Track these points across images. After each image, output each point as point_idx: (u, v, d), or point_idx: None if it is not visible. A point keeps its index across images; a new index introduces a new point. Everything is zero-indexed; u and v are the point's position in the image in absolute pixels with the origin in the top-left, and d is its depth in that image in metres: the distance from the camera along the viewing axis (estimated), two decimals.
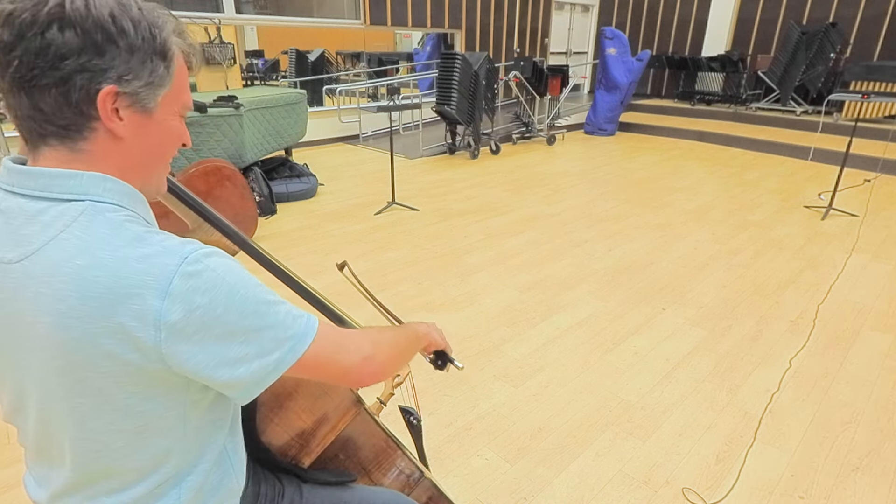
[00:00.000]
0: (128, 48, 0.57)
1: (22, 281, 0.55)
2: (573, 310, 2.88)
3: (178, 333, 0.54)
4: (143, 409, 0.60)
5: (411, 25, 7.97)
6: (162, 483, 0.66)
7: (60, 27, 0.53)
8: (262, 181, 4.45)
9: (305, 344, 0.63)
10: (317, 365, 0.65)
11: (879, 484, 1.75)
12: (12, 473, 1.75)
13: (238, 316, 0.57)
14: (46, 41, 0.53)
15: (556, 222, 4.29)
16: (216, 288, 0.56)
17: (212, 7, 6.19)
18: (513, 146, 7.42)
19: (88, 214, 0.56)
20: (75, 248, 0.54)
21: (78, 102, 0.56)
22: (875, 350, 2.52)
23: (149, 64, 0.59)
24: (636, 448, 1.90)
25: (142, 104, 0.60)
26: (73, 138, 0.58)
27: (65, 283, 0.53)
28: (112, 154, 0.60)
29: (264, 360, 0.60)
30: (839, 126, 7.20)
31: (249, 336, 0.58)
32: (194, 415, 0.65)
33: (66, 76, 0.55)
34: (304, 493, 0.87)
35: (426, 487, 1.07)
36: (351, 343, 0.69)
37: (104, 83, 0.56)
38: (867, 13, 8.08)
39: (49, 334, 0.54)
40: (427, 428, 1.98)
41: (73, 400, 0.58)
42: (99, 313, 0.53)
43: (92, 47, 0.55)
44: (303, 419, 0.90)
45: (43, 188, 0.57)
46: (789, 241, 3.91)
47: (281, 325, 0.61)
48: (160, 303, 0.53)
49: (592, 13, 11.14)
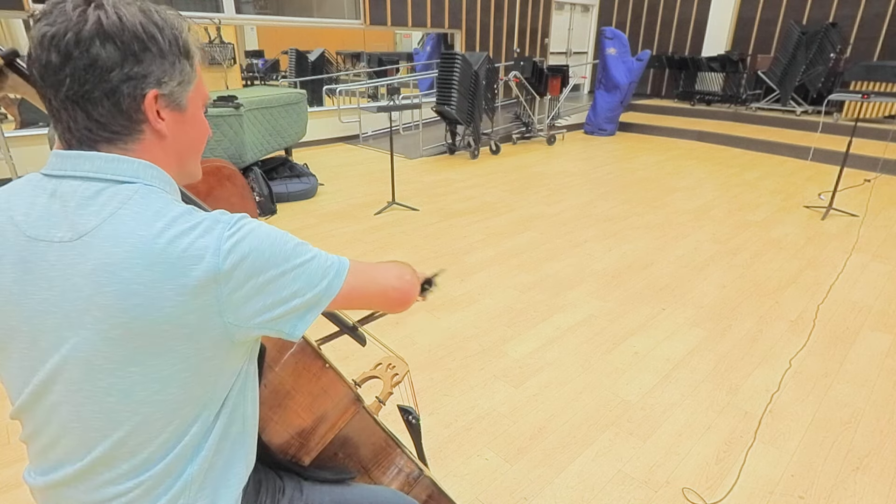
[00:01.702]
0: (160, 53, 0.63)
1: (79, 257, 0.59)
2: (573, 310, 2.88)
3: (234, 281, 0.61)
4: (187, 377, 0.64)
5: (411, 25, 7.97)
6: (178, 458, 0.68)
7: (102, 42, 0.58)
8: (262, 181, 4.45)
9: (345, 269, 0.72)
10: (360, 288, 0.75)
11: (879, 484, 1.75)
12: (12, 474, 1.76)
13: (283, 257, 0.65)
14: (92, 57, 0.58)
15: (556, 222, 4.29)
16: (258, 238, 0.63)
17: (212, 7, 6.20)
18: (513, 146, 7.42)
19: (142, 193, 0.62)
20: (135, 221, 0.60)
21: (128, 109, 0.62)
22: (875, 350, 2.52)
23: (178, 65, 0.65)
24: (636, 448, 1.90)
25: (176, 102, 0.67)
26: (124, 141, 0.64)
27: (129, 252, 0.58)
28: (155, 150, 0.67)
29: (315, 289, 0.68)
30: (839, 126, 7.20)
31: (298, 270, 0.66)
32: (226, 384, 0.70)
33: (115, 87, 0.60)
34: (304, 491, 0.87)
35: (425, 486, 1.07)
36: (379, 268, 0.82)
37: (147, 88, 0.62)
38: (867, 13, 8.08)
39: (111, 304, 0.58)
40: (427, 428, 1.98)
41: (125, 369, 0.61)
42: (164, 277, 0.58)
43: (132, 57, 0.60)
44: (302, 417, 0.90)
45: (98, 170, 0.62)
46: (789, 241, 3.91)
47: (321, 257, 0.70)
48: (216, 259, 0.60)
49: (592, 13, 11.14)
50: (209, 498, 0.72)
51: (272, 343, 0.87)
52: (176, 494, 0.69)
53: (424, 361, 2.40)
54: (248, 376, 0.75)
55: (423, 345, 2.53)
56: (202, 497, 0.71)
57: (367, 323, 1.10)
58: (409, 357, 2.41)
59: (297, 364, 0.90)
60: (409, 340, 2.57)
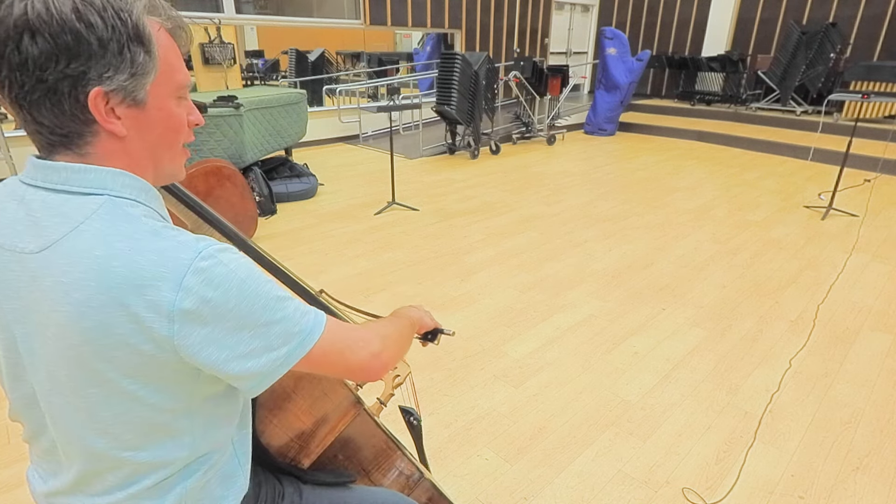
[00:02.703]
0: (99, 43, 0.54)
1: (41, 271, 0.56)
2: (573, 310, 2.88)
3: (190, 324, 0.55)
4: (154, 400, 0.60)
5: (411, 25, 7.97)
6: (169, 476, 0.67)
7: (31, 37, 0.51)
8: (262, 181, 4.45)
9: (314, 339, 0.63)
10: (325, 360, 0.66)
11: (879, 484, 1.75)
12: (12, 474, 1.75)
13: (249, 310, 0.58)
14: (23, 55, 0.52)
15: (556, 222, 4.29)
16: (228, 282, 0.56)
17: (212, 7, 6.19)
18: (513, 146, 7.41)
19: (107, 207, 0.57)
20: (94, 239, 0.55)
21: (72, 110, 0.56)
22: (875, 350, 2.52)
23: (126, 54, 0.56)
24: (636, 448, 1.90)
25: (132, 97, 0.58)
26: (77, 144, 0.59)
27: (84, 272, 0.54)
28: (117, 152, 0.61)
29: (273, 353, 0.61)
30: (839, 126, 7.19)
31: (259, 330, 0.59)
32: (204, 408, 0.66)
33: (52, 86, 0.54)
34: (304, 494, 0.87)
35: (426, 488, 1.07)
36: (358, 339, 0.70)
37: (88, 86, 0.55)
38: (867, 13, 8.08)
39: (66, 323, 0.55)
40: (427, 428, 1.98)
41: (84, 390, 0.59)
42: (115, 302, 0.53)
43: (65, 51, 0.53)
44: (302, 420, 0.90)
45: (64, 181, 0.58)
46: (789, 241, 3.91)
47: (290, 320, 0.61)
48: (174, 294, 0.54)
49: (592, 13, 11.13)
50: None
51: None
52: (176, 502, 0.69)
53: (424, 361, 2.39)
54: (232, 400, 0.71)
55: None
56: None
57: None
58: (409, 357, 2.40)
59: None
60: None
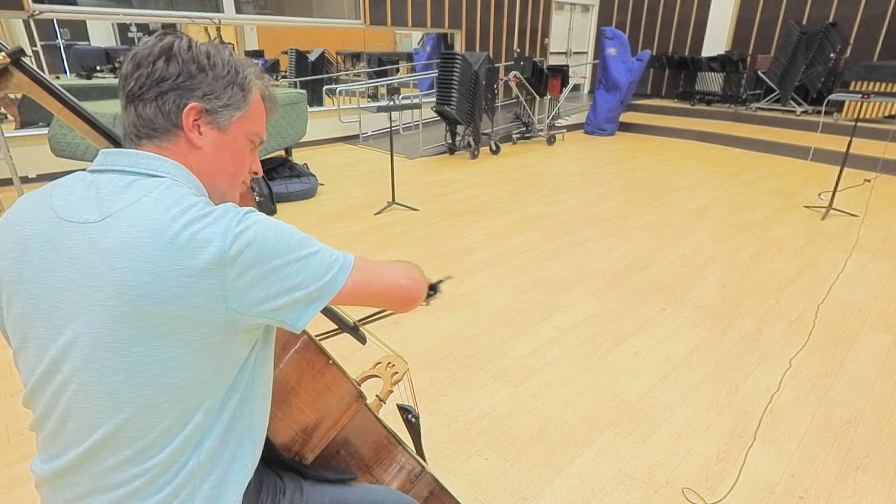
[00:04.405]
0: (214, 76, 0.73)
1: (100, 236, 0.64)
2: (573, 310, 2.88)
3: (238, 267, 0.64)
4: (189, 360, 0.66)
5: (411, 25, 7.97)
6: (182, 447, 0.69)
7: (167, 60, 0.70)
8: (262, 181, 4.45)
9: (350, 263, 0.75)
10: (364, 280, 0.77)
11: (879, 484, 1.75)
12: (13, 474, 1.75)
13: (287, 248, 0.68)
14: (155, 68, 0.70)
15: (556, 222, 4.29)
16: (264, 228, 0.67)
17: (212, 7, 6.19)
18: (513, 146, 7.42)
19: (167, 185, 0.68)
20: (154, 206, 0.65)
21: (169, 113, 0.72)
22: (875, 350, 2.52)
23: (229, 90, 0.74)
24: (636, 448, 1.90)
25: (218, 122, 0.75)
26: (161, 138, 0.73)
27: (143, 231, 0.62)
28: (188, 157, 0.74)
29: (319, 282, 0.71)
30: (839, 126, 7.20)
31: (301, 263, 0.69)
32: (231, 374, 0.72)
33: (163, 92, 0.71)
34: (305, 491, 0.88)
35: (427, 482, 1.07)
36: (386, 263, 0.83)
37: (191, 100, 0.72)
38: (867, 13, 8.08)
39: (122, 280, 0.62)
40: (427, 428, 1.98)
41: (130, 349, 0.64)
42: (171, 257, 0.62)
43: (186, 73, 0.71)
44: (306, 414, 0.90)
45: (133, 164, 0.70)
46: (789, 241, 3.91)
47: (326, 250, 0.73)
48: (222, 244, 0.63)
49: (592, 13, 11.14)
50: (214, 490, 0.73)
51: (276, 339, 0.88)
52: (181, 484, 0.69)
53: (424, 361, 2.40)
54: (259, 371, 0.77)
55: (423, 345, 2.53)
56: (207, 488, 0.72)
57: (370, 322, 1.10)
58: (409, 357, 2.41)
59: (301, 360, 0.90)
60: (409, 340, 2.57)
